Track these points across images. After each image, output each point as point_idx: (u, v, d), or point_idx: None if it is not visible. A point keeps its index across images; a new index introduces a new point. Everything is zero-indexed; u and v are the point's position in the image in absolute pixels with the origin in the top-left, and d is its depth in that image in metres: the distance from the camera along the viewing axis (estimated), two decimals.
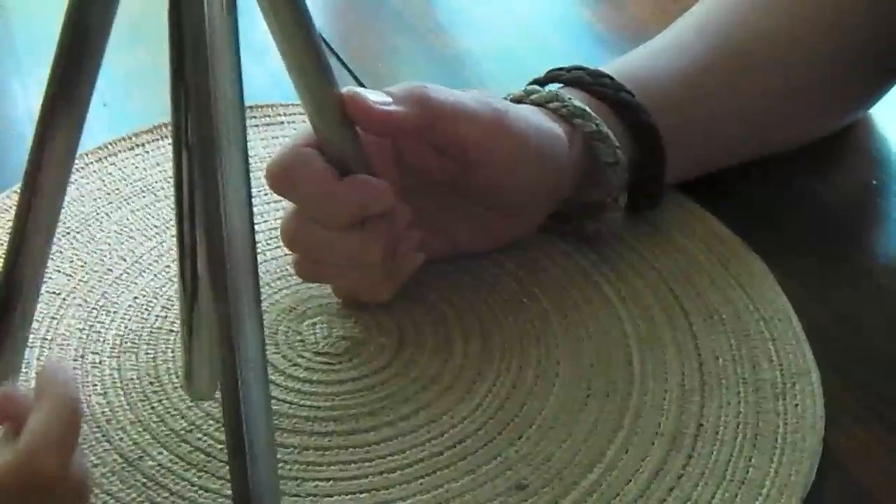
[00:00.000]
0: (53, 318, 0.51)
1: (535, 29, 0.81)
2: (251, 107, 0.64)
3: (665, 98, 0.55)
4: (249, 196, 0.36)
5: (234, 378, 0.36)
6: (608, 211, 0.54)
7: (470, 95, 0.50)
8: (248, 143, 0.37)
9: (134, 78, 0.71)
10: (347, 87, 0.46)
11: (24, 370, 0.48)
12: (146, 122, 0.65)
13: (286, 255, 0.54)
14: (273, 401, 0.47)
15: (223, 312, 0.36)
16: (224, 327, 0.36)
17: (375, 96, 0.46)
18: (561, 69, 0.56)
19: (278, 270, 0.54)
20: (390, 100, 0.47)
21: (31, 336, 0.50)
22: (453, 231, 0.53)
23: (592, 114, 0.52)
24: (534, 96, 0.54)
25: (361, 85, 0.71)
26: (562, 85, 0.55)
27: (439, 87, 0.49)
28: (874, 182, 0.62)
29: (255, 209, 0.38)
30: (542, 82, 0.56)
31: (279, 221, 0.50)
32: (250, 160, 0.37)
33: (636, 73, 0.56)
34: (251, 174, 0.37)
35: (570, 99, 0.53)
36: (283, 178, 0.47)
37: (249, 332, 0.37)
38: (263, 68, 0.65)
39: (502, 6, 0.84)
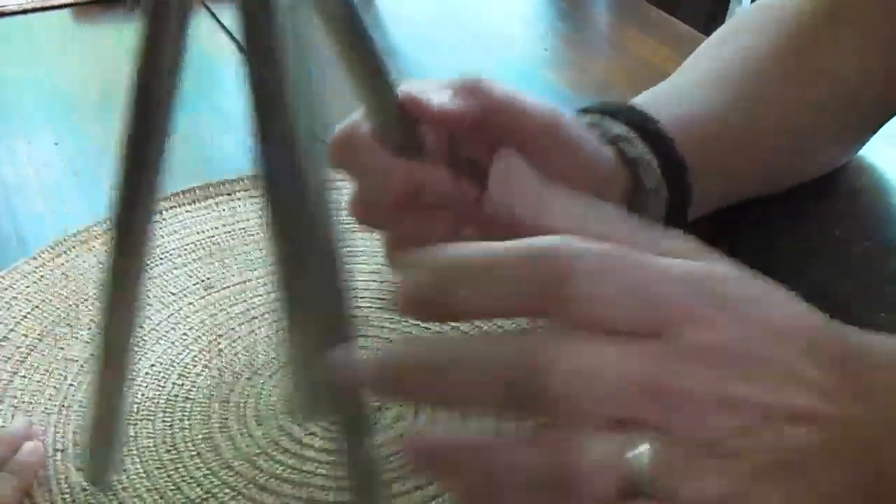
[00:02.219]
0: (71, 384, 0.51)
1: None
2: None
3: (691, 134, 0.55)
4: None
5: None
6: None
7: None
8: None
9: (106, 147, 0.72)
10: (404, 88, 0.46)
11: (41, 437, 0.48)
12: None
13: None
14: (288, 470, 0.47)
15: None
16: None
17: (433, 92, 0.47)
18: (595, 104, 0.55)
19: None
20: (448, 94, 0.47)
21: (49, 403, 0.50)
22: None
23: (634, 139, 0.52)
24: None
25: None
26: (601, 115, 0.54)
27: (495, 80, 0.48)
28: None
29: None
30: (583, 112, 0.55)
31: None
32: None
33: (665, 109, 0.55)
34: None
35: (611, 125, 0.52)
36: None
37: None
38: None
39: (466, 69, 0.85)
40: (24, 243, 0.62)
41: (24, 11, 0.94)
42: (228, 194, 0.65)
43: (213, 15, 0.88)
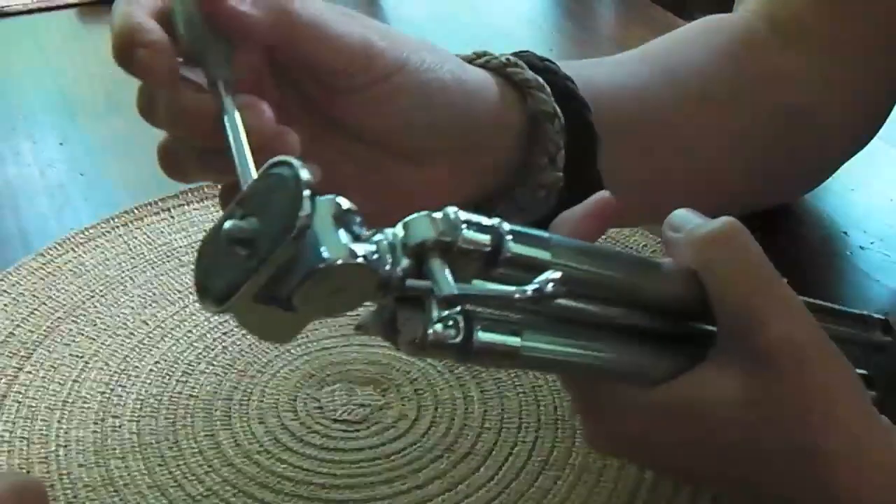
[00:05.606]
0: (75, 381, 0.52)
1: None
2: None
3: (605, 99, 0.51)
4: None
5: None
6: (545, 173, 0.48)
7: (343, 12, 0.44)
8: None
9: (110, 147, 0.73)
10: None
11: (42, 432, 0.49)
12: (122, 190, 0.67)
13: None
14: (289, 467, 0.47)
15: None
16: None
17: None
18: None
19: (297, 337, 0.54)
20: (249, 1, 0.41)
21: (53, 399, 0.50)
22: (341, 176, 0.44)
23: (524, 65, 0.48)
24: (461, 56, 0.49)
25: None
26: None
27: (315, 2, 0.42)
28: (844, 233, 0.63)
29: None
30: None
31: None
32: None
33: (579, 71, 0.51)
34: None
35: (500, 56, 0.48)
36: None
37: None
38: None
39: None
40: (28, 243, 0.62)
41: (30, 11, 0.94)
42: None
43: None
